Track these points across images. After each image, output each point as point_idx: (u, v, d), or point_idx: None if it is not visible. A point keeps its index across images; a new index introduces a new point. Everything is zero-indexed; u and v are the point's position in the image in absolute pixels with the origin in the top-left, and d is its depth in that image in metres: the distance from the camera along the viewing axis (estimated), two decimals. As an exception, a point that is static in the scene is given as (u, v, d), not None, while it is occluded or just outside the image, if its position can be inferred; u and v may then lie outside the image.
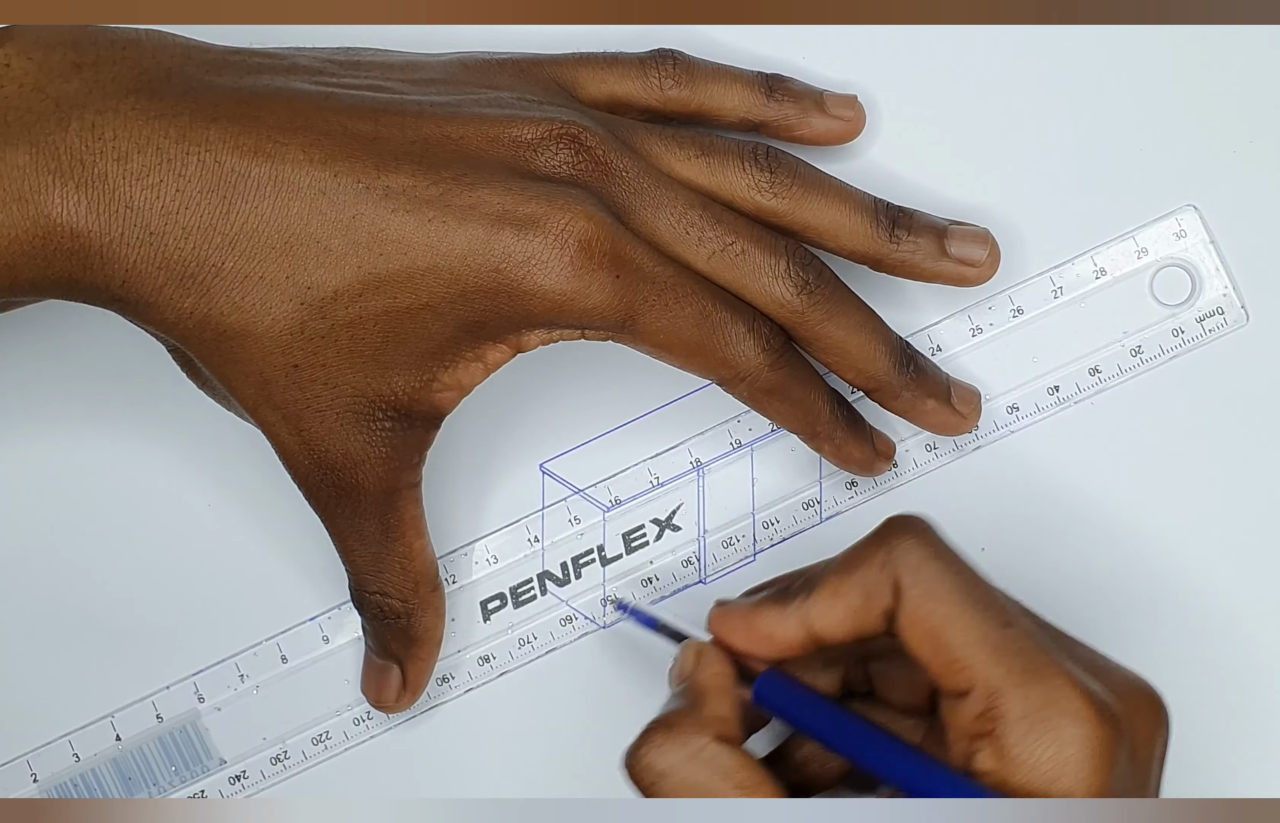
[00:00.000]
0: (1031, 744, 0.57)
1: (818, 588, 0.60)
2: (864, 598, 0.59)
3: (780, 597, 0.61)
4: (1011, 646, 0.58)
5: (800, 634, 0.60)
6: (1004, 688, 0.57)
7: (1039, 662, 0.57)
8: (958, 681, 0.58)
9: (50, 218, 0.61)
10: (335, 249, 0.62)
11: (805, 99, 0.69)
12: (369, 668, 0.68)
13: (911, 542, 0.59)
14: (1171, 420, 0.70)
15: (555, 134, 0.64)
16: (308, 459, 0.64)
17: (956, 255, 0.67)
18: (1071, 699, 0.57)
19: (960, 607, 0.58)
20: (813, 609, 0.60)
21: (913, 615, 0.59)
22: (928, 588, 0.59)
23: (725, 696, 0.61)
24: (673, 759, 0.59)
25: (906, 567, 0.59)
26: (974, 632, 0.58)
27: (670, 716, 0.60)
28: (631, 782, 0.60)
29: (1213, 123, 0.71)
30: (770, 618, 0.61)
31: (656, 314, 0.64)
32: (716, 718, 0.60)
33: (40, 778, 0.69)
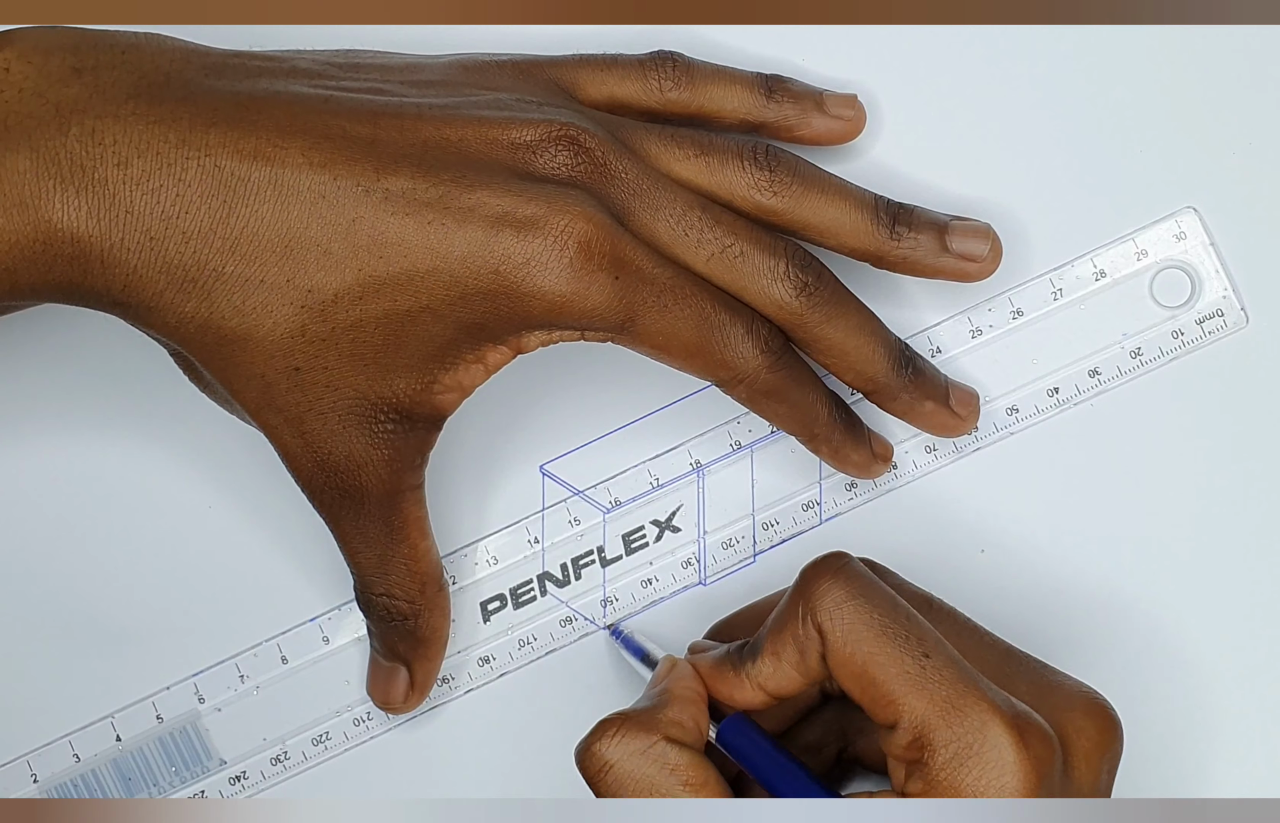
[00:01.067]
0: (957, 773, 0.58)
1: (760, 653, 0.62)
2: (799, 653, 0.61)
3: (734, 660, 0.62)
4: (932, 676, 0.59)
5: (759, 696, 0.62)
6: (927, 720, 0.59)
7: (959, 692, 0.59)
8: (884, 715, 0.59)
9: (51, 223, 0.61)
10: (335, 252, 0.62)
11: (805, 99, 0.69)
12: (375, 670, 0.69)
13: (827, 585, 0.61)
14: (1171, 422, 0.70)
15: (554, 135, 0.64)
16: (310, 461, 0.64)
17: (958, 251, 0.67)
18: (993, 727, 0.58)
19: (878, 644, 0.59)
20: (759, 674, 0.62)
21: (837, 658, 0.60)
22: (846, 631, 0.60)
23: (690, 705, 0.62)
24: (623, 751, 0.61)
25: (824, 612, 0.60)
26: (893, 667, 0.59)
27: (628, 711, 0.62)
28: (581, 771, 0.61)
29: (1212, 125, 0.71)
30: (729, 682, 0.62)
31: (655, 315, 0.64)
32: (674, 721, 0.61)
33: (40, 779, 0.69)
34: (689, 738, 0.61)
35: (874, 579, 0.61)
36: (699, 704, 0.62)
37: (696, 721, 0.62)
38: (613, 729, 0.61)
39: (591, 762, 0.61)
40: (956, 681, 0.59)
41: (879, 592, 0.60)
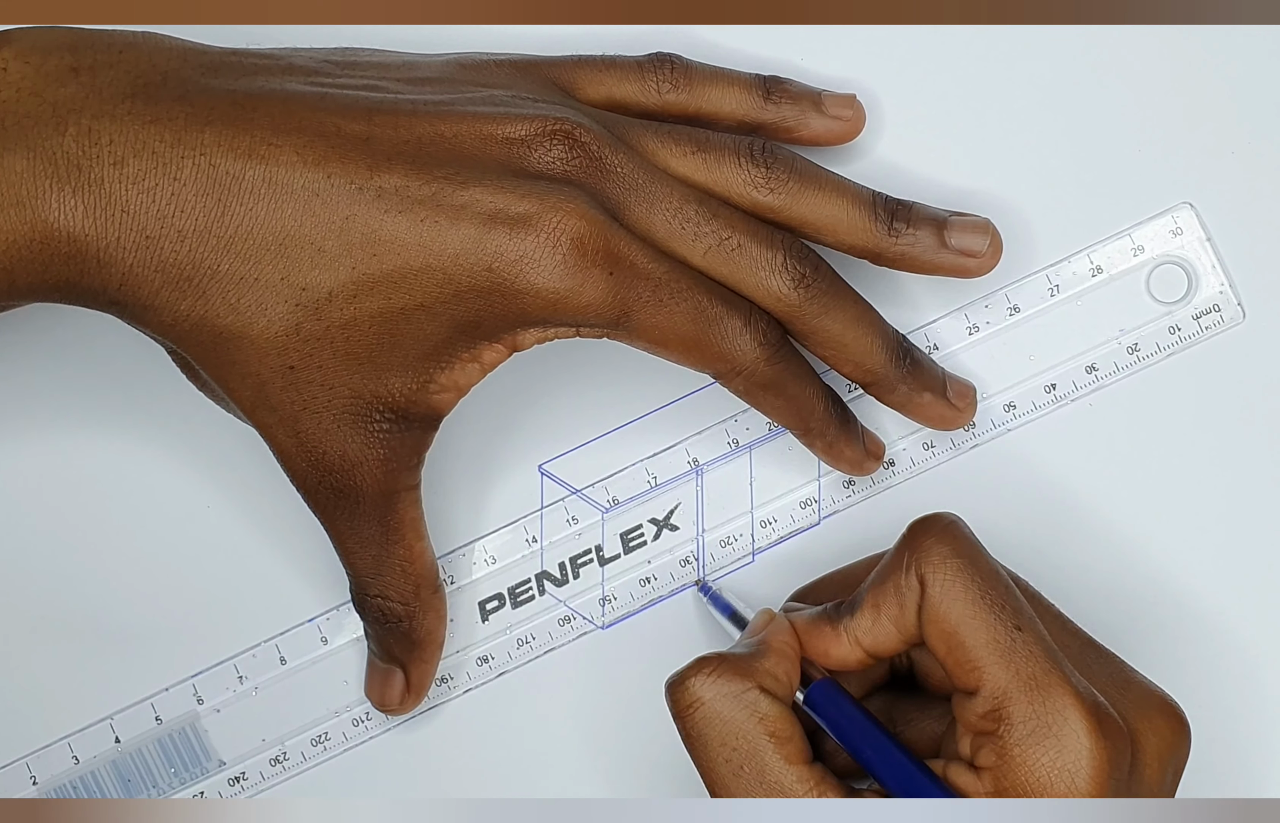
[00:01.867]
0: (1031, 750, 0.59)
1: (860, 607, 0.62)
2: (899, 606, 0.61)
3: (832, 616, 0.63)
4: (1021, 651, 0.59)
5: (856, 653, 0.63)
6: (1009, 692, 0.59)
7: (1044, 670, 0.59)
8: (967, 680, 0.60)
9: (48, 223, 0.61)
10: (329, 250, 0.62)
11: (803, 100, 0.69)
12: (372, 671, 0.69)
13: (933, 541, 0.61)
14: (1168, 418, 0.70)
15: (549, 131, 0.64)
16: (305, 461, 0.64)
17: (956, 246, 0.67)
18: (1072, 712, 0.59)
19: (974, 608, 0.60)
20: (858, 629, 0.62)
21: (931, 614, 0.61)
22: (945, 588, 0.60)
23: (785, 660, 0.62)
24: (716, 691, 0.61)
25: (929, 566, 0.61)
26: (984, 634, 0.60)
27: (727, 653, 0.62)
28: (670, 702, 0.62)
29: (1209, 121, 0.71)
30: (825, 638, 0.63)
31: (651, 311, 0.64)
32: (769, 673, 0.62)
33: (40, 780, 0.70)
34: (781, 691, 0.62)
35: (979, 544, 0.61)
36: (794, 661, 0.63)
37: (790, 676, 0.62)
38: (710, 667, 0.62)
39: (684, 695, 0.62)
40: (1044, 659, 0.59)
41: (983, 557, 0.61)
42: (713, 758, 0.61)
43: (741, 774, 0.61)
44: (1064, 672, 0.59)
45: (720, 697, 0.61)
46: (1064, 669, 0.59)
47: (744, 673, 0.62)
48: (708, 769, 0.62)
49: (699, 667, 0.62)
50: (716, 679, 0.62)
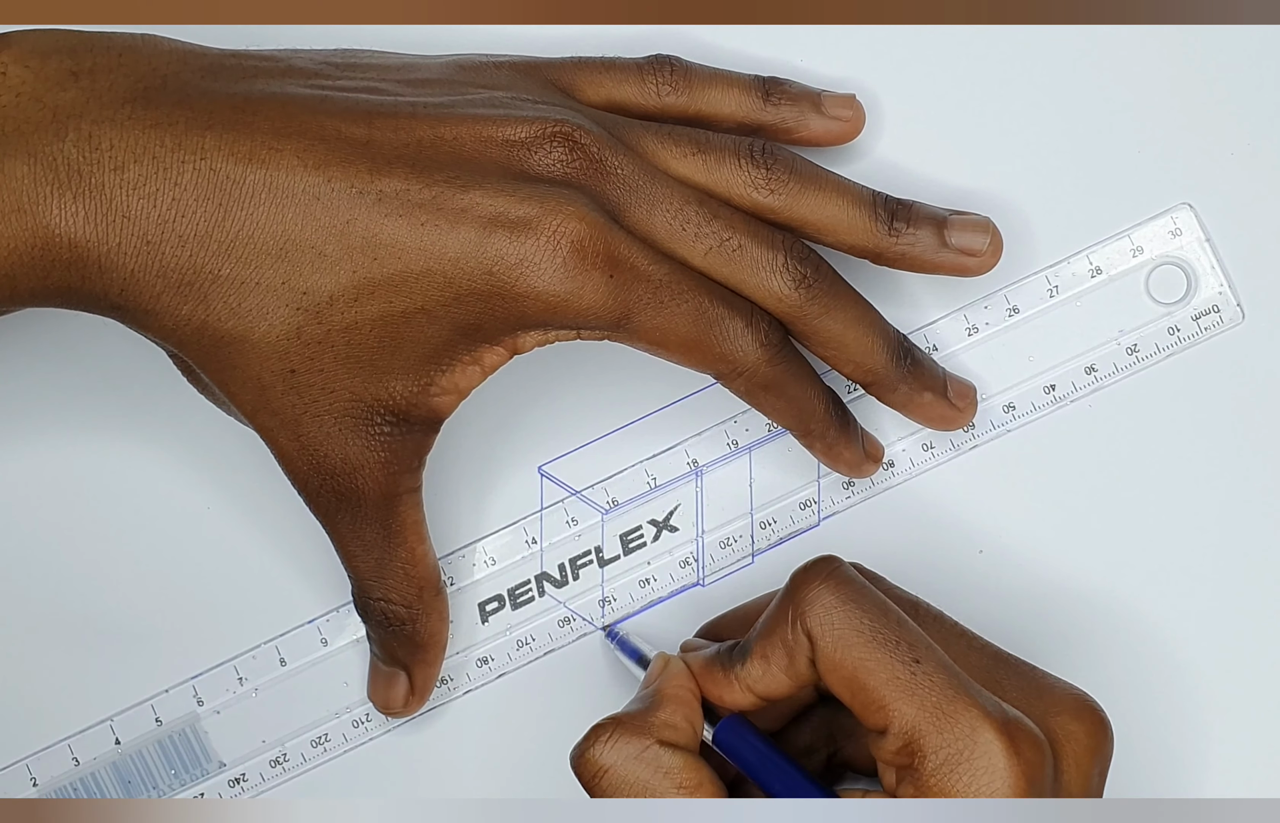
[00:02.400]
0: (947, 779, 0.58)
1: (749, 656, 0.62)
2: (788, 657, 0.61)
3: (724, 661, 0.63)
4: (922, 682, 0.59)
5: (748, 699, 0.62)
6: (918, 725, 0.59)
7: (949, 697, 0.59)
8: (875, 720, 0.60)
9: (49, 228, 0.61)
10: (330, 254, 0.62)
11: (803, 101, 0.69)
12: (375, 675, 0.69)
13: (817, 590, 0.61)
14: (1168, 418, 0.70)
15: (549, 133, 0.64)
16: (306, 464, 0.64)
17: (957, 245, 0.67)
18: (983, 732, 0.58)
19: (867, 650, 0.60)
20: (748, 676, 0.62)
21: (827, 663, 0.60)
22: (836, 635, 0.60)
23: (683, 706, 0.62)
24: (616, 756, 0.61)
25: (814, 618, 0.60)
26: (883, 673, 0.59)
27: (621, 714, 0.62)
28: (577, 775, 0.62)
29: (1208, 122, 0.71)
30: (718, 683, 0.63)
31: (652, 312, 0.64)
32: (666, 723, 0.62)
33: (40, 782, 0.70)
34: (682, 740, 0.62)
35: (864, 584, 0.61)
36: (692, 704, 0.62)
37: (690, 720, 0.62)
38: (606, 734, 0.61)
39: (586, 767, 0.61)
40: (946, 686, 0.59)
41: (869, 596, 0.61)
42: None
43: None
44: (970, 694, 0.59)
45: (622, 760, 0.61)
46: (970, 691, 0.59)
47: (640, 731, 0.61)
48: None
49: (595, 735, 0.62)
50: (615, 743, 0.61)
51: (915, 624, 0.60)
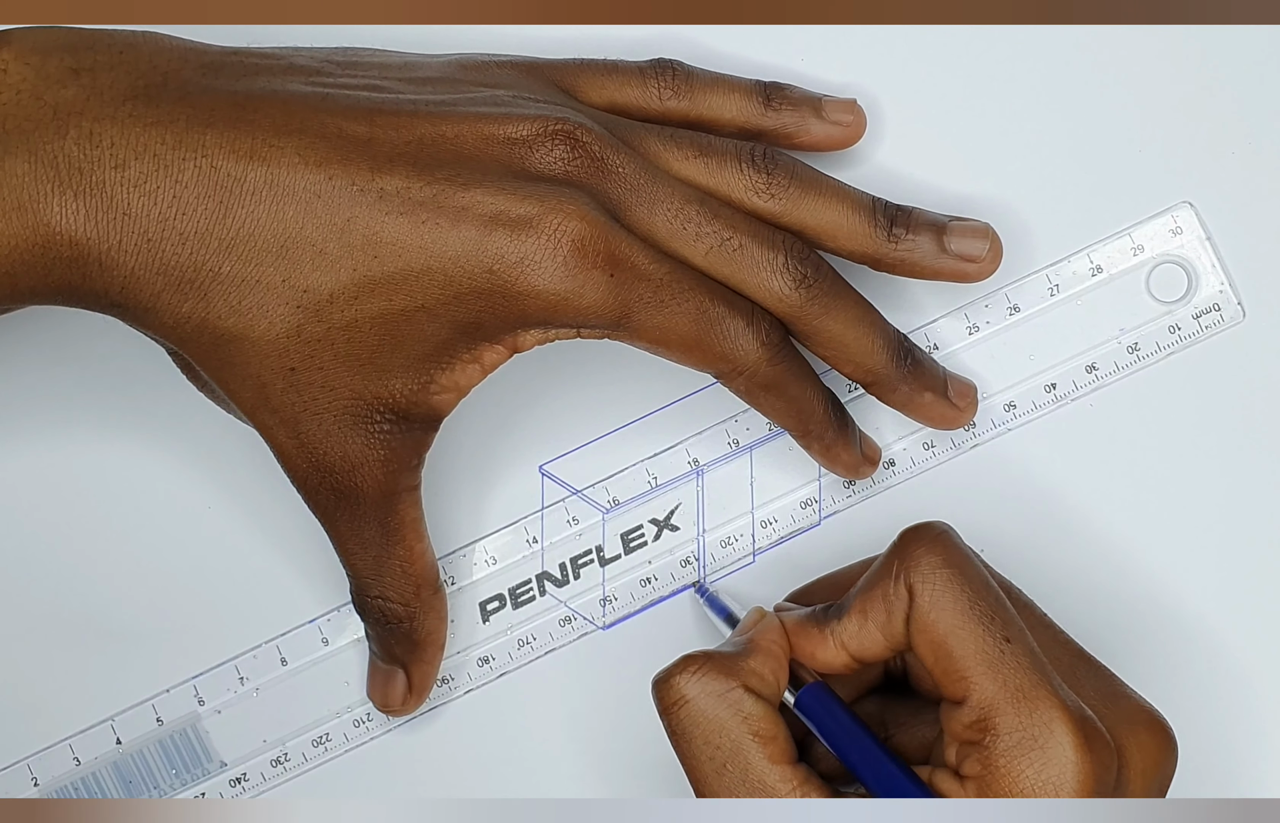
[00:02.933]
0: (1016, 762, 0.59)
1: (847, 611, 0.62)
2: (887, 613, 0.61)
3: (820, 618, 0.63)
4: (1009, 662, 0.59)
5: (841, 657, 0.63)
6: (996, 703, 0.59)
7: (1032, 682, 0.59)
8: (955, 689, 0.60)
9: (49, 226, 0.61)
10: (330, 252, 0.62)
11: (803, 106, 0.69)
12: (374, 673, 0.69)
13: (924, 550, 0.61)
14: (1168, 417, 0.70)
15: (550, 131, 0.64)
16: (306, 463, 0.64)
17: (956, 251, 0.67)
18: (1058, 725, 0.59)
19: (963, 618, 0.60)
20: (845, 634, 0.62)
21: (920, 623, 0.61)
22: (934, 597, 0.60)
23: (772, 659, 0.62)
24: (701, 689, 0.61)
25: (918, 575, 0.61)
26: (973, 644, 0.60)
27: (714, 651, 0.62)
28: (656, 699, 0.62)
29: (1209, 121, 0.71)
30: (812, 640, 0.63)
31: (652, 311, 0.64)
32: (755, 671, 0.62)
33: (41, 782, 0.70)
34: (767, 691, 0.62)
35: (971, 554, 0.61)
36: (781, 660, 0.63)
37: (777, 675, 0.62)
38: (695, 665, 0.62)
39: (669, 692, 0.62)
40: (1031, 671, 0.59)
41: (974, 568, 0.61)
42: (697, 755, 0.61)
43: (725, 773, 0.61)
44: (1052, 685, 0.59)
45: (705, 695, 0.61)
46: (1052, 682, 0.59)
47: (729, 672, 0.62)
48: (692, 767, 0.62)
49: (684, 665, 0.62)
50: (701, 677, 0.62)
51: (1011, 607, 0.61)
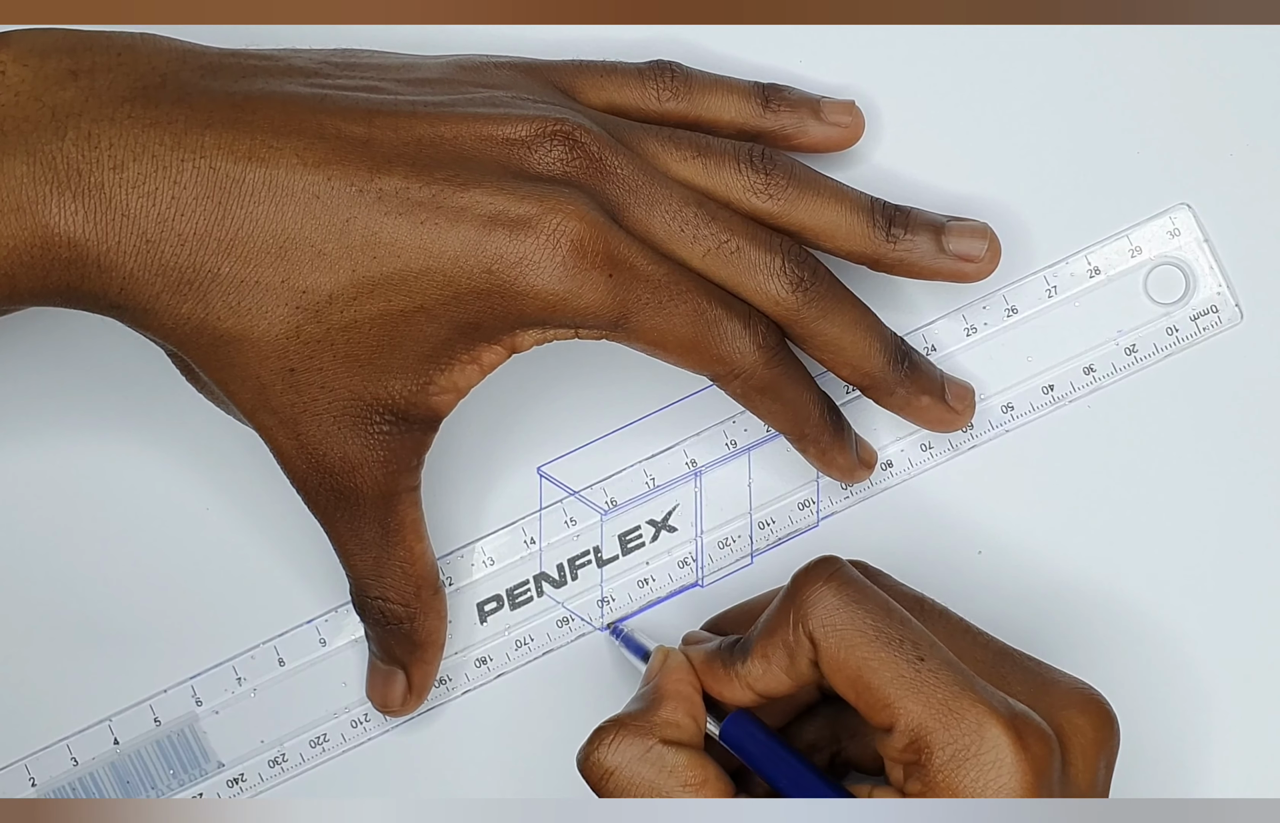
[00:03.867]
0: (955, 775, 0.59)
1: (750, 654, 0.62)
2: (789, 658, 0.61)
3: (724, 658, 0.63)
4: (928, 680, 0.59)
5: (748, 695, 0.63)
6: (924, 724, 0.59)
7: (954, 694, 0.59)
8: (880, 718, 0.60)
9: (48, 228, 0.61)
10: (329, 253, 0.62)
11: (802, 108, 0.69)
12: (374, 673, 0.69)
13: (819, 591, 0.61)
14: (1166, 419, 0.70)
15: (549, 131, 0.64)
16: (305, 463, 0.64)
17: (955, 251, 0.67)
18: (990, 728, 0.58)
19: (871, 649, 0.60)
20: (749, 674, 0.62)
21: (831, 664, 0.60)
22: (839, 636, 0.60)
23: (684, 702, 0.62)
24: (621, 757, 0.61)
25: (816, 619, 0.61)
26: (887, 672, 0.59)
27: (623, 715, 0.62)
28: (585, 779, 0.62)
29: (1206, 122, 0.71)
30: (719, 679, 0.63)
31: (650, 312, 0.64)
32: (668, 721, 0.62)
33: (38, 782, 0.70)
34: (685, 737, 0.62)
35: (866, 584, 0.61)
36: (694, 699, 0.63)
37: (693, 715, 0.62)
38: (609, 736, 0.62)
39: (592, 770, 0.62)
40: (952, 683, 0.59)
41: (871, 596, 0.61)
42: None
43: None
44: (976, 690, 0.59)
45: (627, 761, 0.61)
46: (975, 687, 0.59)
47: (643, 731, 0.62)
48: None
49: (599, 738, 0.62)
50: (619, 745, 0.61)
51: (918, 622, 0.61)
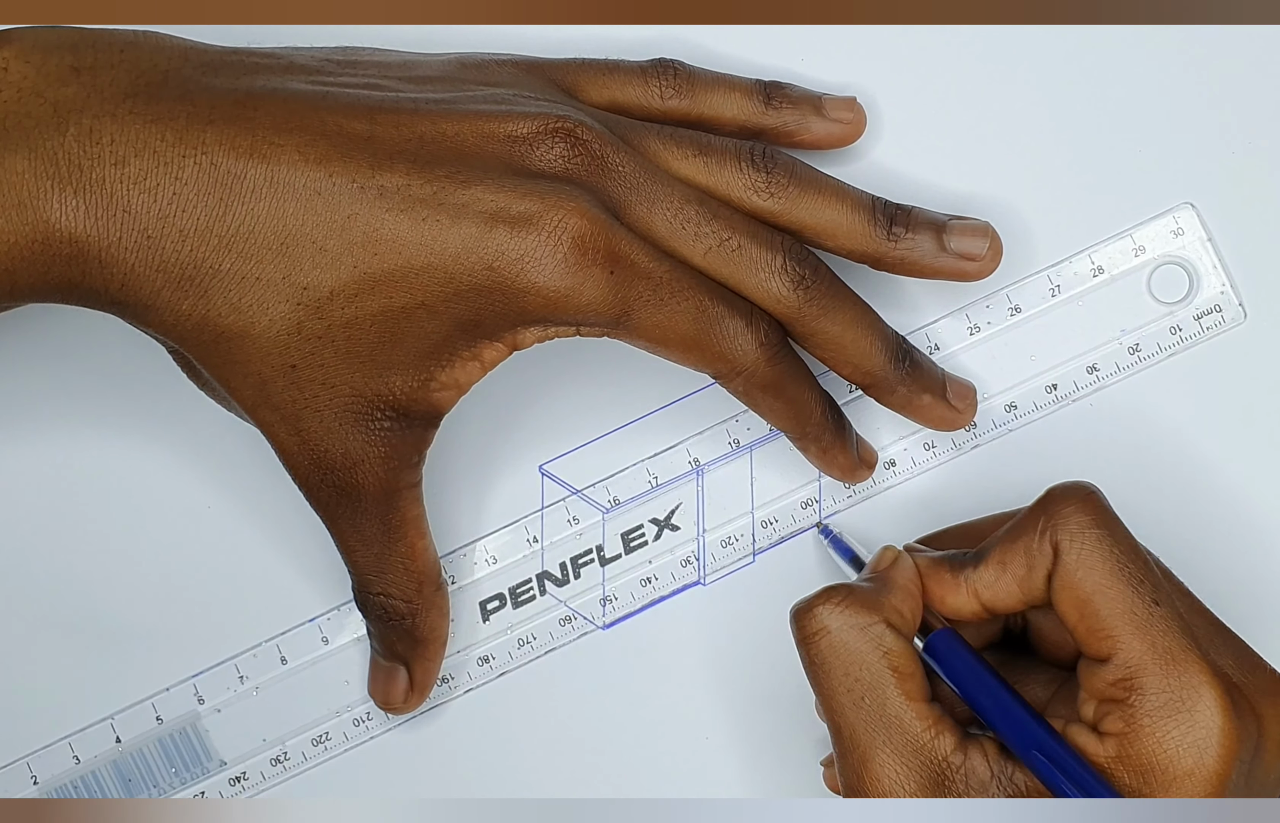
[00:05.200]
0: (1161, 722, 0.59)
1: (985, 560, 0.63)
2: (1027, 567, 0.62)
3: (954, 564, 0.63)
4: (1158, 625, 0.60)
5: (972, 605, 0.63)
6: (1144, 663, 0.60)
7: (1181, 646, 0.60)
8: (1100, 647, 0.60)
9: (49, 223, 0.61)
10: (331, 249, 0.62)
11: (804, 105, 0.69)
12: (375, 670, 0.69)
13: (1073, 508, 0.61)
14: (1169, 418, 0.70)
15: (550, 129, 0.64)
16: (307, 459, 0.64)
17: (956, 250, 0.67)
18: (1206, 689, 0.59)
19: (1111, 578, 0.61)
20: (980, 581, 0.63)
21: (1065, 580, 0.61)
22: (1082, 555, 0.61)
23: (911, 599, 0.63)
24: (843, 621, 0.62)
25: (1066, 533, 0.61)
26: (1121, 604, 0.60)
27: (854, 586, 0.63)
28: (795, 628, 0.62)
29: (1210, 122, 0.71)
30: (944, 584, 0.63)
31: (652, 310, 0.64)
32: (895, 609, 0.62)
33: (40, 780, 0.70)
34: (905, 628, 0.62)
35: (1117, 516, 0.62)
36: (918, 599, 0.63)
37: (914, 614, 0.63)
38: (838, 598, 0.62)
39: (810, 622, 0.62)
40: (1180, 635, 0.60)
41: (1122, 530, 0.61)
42: (835, 686, 0.62)
43: (862, 705, 0.61)
44: (1201, 650, 0.60)
45: (846, 627, 0.62)
46: (1200, 646, 0.60)
47: (871, 606, 0.62)
48: (828, 696, 0.62)
49: (827, 596, 0.62)
50: (843, 610, 0.62)
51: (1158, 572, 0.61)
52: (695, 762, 0.70)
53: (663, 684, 0.70)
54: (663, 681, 0.70)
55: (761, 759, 0.69)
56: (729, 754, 0.69)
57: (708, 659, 0.69)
